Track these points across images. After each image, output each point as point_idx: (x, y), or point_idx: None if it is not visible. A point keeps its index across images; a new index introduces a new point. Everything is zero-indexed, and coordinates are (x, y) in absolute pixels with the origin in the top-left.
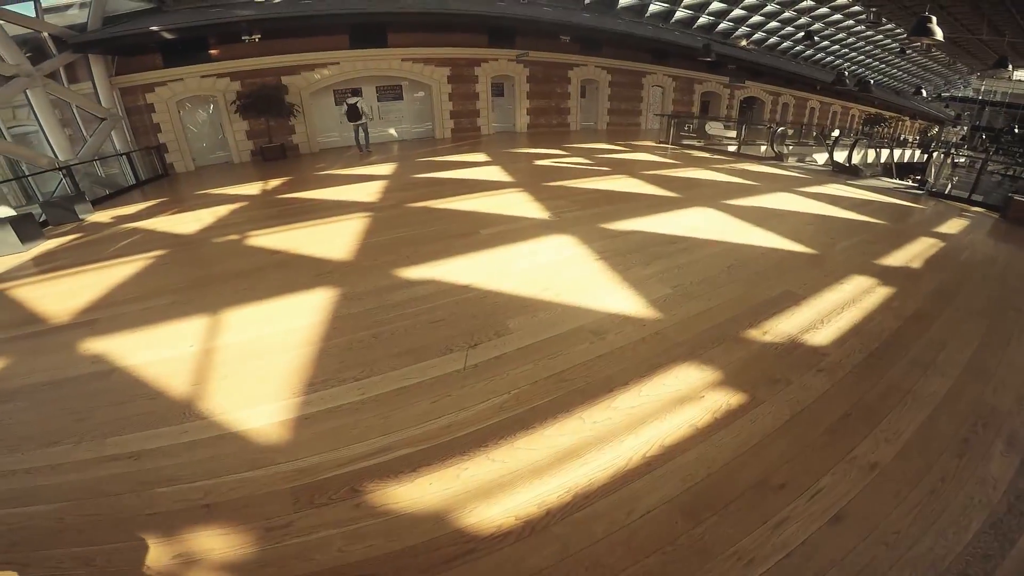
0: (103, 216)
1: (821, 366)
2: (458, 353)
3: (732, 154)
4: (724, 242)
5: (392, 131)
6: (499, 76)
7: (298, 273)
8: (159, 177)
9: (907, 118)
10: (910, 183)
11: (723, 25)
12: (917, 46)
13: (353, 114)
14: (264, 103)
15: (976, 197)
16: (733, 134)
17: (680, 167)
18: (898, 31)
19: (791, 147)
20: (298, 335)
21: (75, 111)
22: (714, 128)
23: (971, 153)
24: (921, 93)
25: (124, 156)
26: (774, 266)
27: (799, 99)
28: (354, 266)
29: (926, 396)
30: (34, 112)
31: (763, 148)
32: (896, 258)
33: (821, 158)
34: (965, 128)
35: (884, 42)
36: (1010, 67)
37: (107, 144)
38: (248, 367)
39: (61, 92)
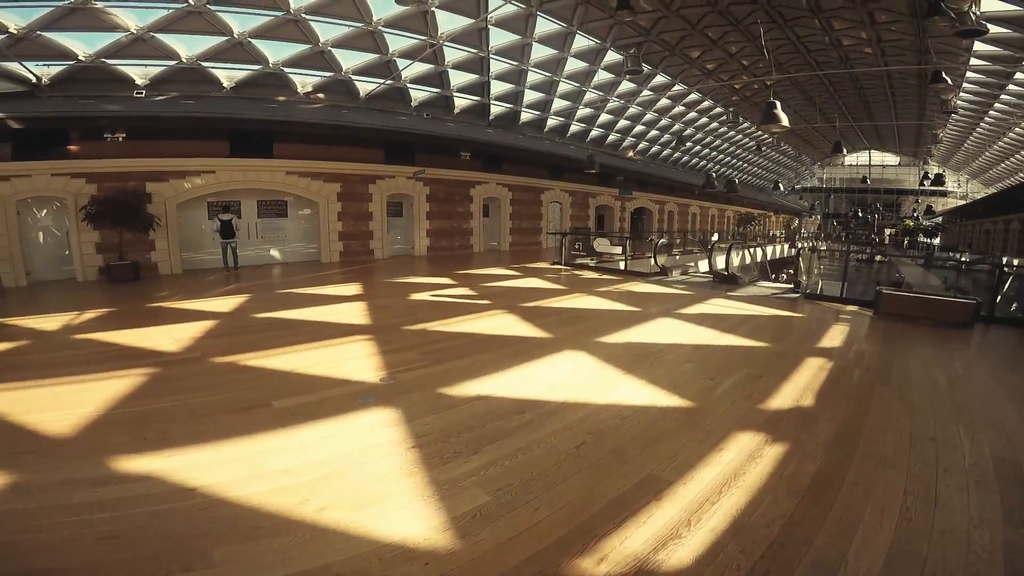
0: None
1: None
2: None
3: (620, 272)
4: (585, 404)
5: (274, 252)
6: (396, 194)
7: None
8: None
9: (772, 214)
10: (786, 284)
11: (612, 137)
12: (769, 141)
13: (227, 231)
14: (120, 212)
15: (848, 295)
16: (619, 250)
17: (565, 294)
18: (753, 129)
19: (678, 257)
20: None
21: None
22: (602, 245)
23: (831, 244)
24: (779, 187)
25: None
26: (639, 436)
27: (681, 206)
28: (67, 446)
29: None
30: None
31: (651, 261)
32: (785, 395)
33: (704, 265)
34: (819, 217)
35: (743, 141)
36: (844, 151)
37: None
38: None
39: None
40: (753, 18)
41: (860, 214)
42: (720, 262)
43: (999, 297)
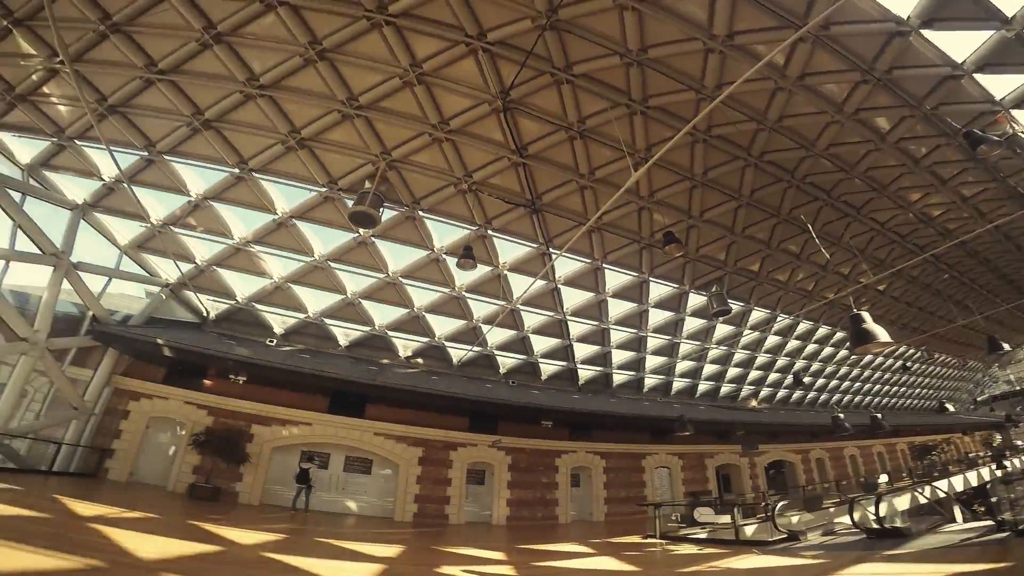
0: None
1: None
2: None
3: (733, 543)
4: None
5: (351, 503)
6: (478, 463)
7: None
8: (83, 475)
9: (959, 435)
10: (983, 522)
11: (726, 388)
12: (916, 356)
13: (302, 477)
14: (222, 444)
15: None
16: (726, 519)
17: None
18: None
19: (832, 509)
20: None
21: (52, 390)
22: (704, 515)
23: None
24: (947, 408)
25: (59, 445)
26: None
27: (832, 450)
28: None
29: None
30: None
31: (793, 518)
32: None
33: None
34: None
35: (882, 362)
36: (1006, 347)
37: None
38: None
39: (50, 368)
40: (825, 217)
41: None
42: (870, 512)
43: None
